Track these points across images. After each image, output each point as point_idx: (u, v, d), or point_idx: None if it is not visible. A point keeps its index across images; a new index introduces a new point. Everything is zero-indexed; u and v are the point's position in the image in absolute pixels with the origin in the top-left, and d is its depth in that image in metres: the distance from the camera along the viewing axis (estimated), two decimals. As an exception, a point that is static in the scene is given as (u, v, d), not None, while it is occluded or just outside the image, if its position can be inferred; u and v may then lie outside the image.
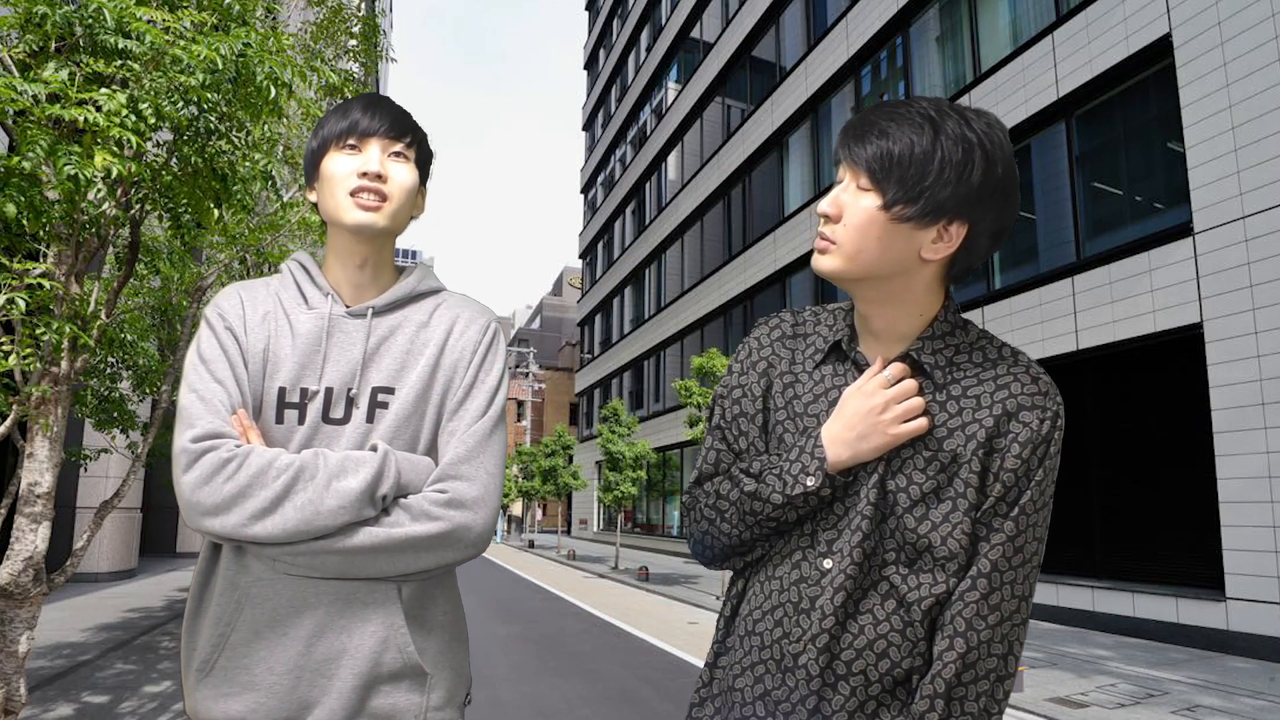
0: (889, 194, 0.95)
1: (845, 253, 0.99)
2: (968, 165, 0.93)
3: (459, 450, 1.16)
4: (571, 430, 37.10)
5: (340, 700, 1.10)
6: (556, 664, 7.05)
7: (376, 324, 1.21)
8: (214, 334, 1.17)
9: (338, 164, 1.20)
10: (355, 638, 1.11)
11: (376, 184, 1.19)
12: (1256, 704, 5.72)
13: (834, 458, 0.99)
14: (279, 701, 1.09)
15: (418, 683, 1.15)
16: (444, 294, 1.30)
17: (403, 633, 1.13)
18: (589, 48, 39.90)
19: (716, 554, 1.10)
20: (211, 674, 1.11)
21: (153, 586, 11.57)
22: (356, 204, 1.18)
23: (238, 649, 1.10)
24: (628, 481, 18.85)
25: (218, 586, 1.13)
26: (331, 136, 1.20)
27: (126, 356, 4.86)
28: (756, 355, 1.15)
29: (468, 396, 1.20)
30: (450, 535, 1.11)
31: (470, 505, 1.12)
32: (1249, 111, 7.95)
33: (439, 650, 1.18)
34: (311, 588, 1.10)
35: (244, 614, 1.10)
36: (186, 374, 1.15)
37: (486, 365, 1.23)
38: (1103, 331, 9.41)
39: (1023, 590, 0.96)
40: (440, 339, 1.22)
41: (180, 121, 2.83)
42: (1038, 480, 0.96)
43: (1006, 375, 1.00)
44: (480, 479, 1.15)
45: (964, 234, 0.97)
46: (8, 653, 2.96)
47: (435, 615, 1.19)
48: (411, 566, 1.11)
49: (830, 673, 0.97)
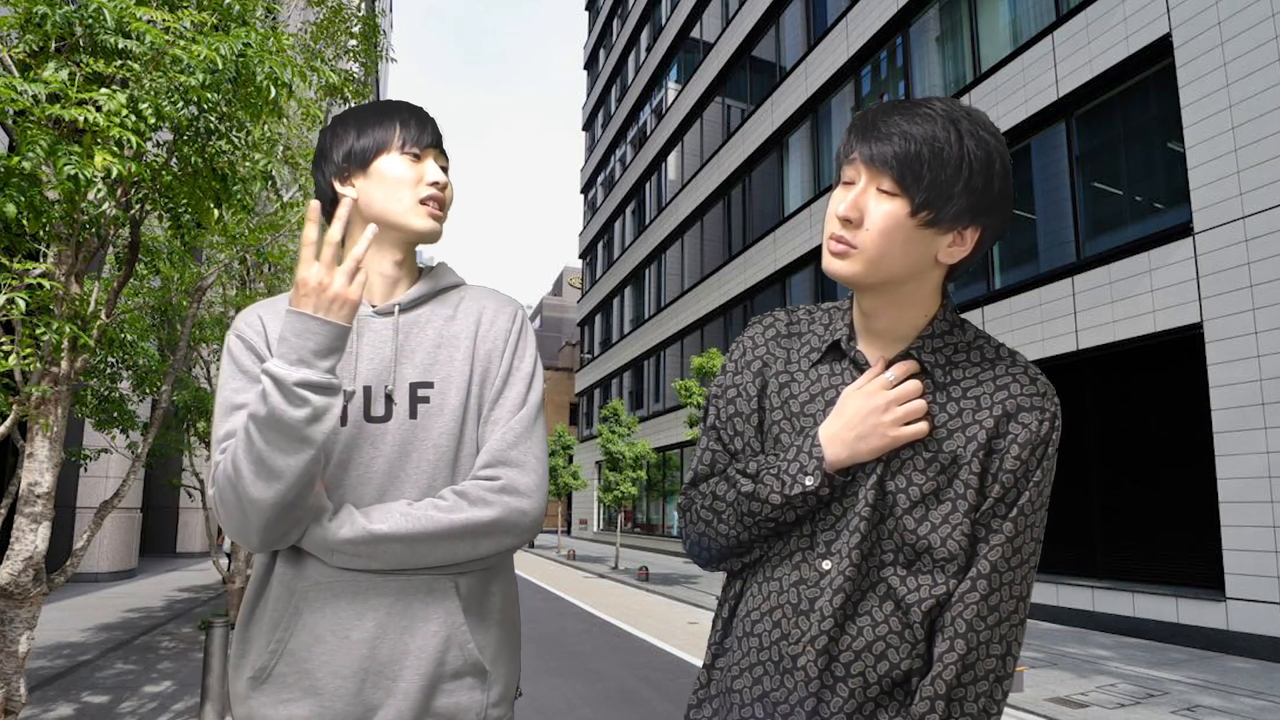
0: (917, 199, 0.93)
1: (868, 257, 0.97)
2: (991, 170, 0.93)
3: (506, 437, 1.17)
4: (571, 430, 37.08)
5: (406, 701, 1.10)
6: (557, 664, 7.05)
7: (403, 320, 1.22)
8: (234, 362, 1.16)
9: (402, 167, 1.21)
10: (418, 638, 1.11)
11: (442, 194, 1.24)
12: (1256, 704, 5.72)
13: (832, 457, 0.98)
14: (344, 705, 1.09)
15: (479, 680, 1.16)
16: (465, 287, 1.31)
17: (463, 630, 1.14)
18: (589, 48, 39.90)
19: (713, 555, 1.09)
20: (269, 680, 1.10)
21: (153, 586, 11.57)
22: (428, 212, 1.22)
23: (297, 654, 1.09)
24: (628, 481, 18.85)
25: (273, 592, 1.12)
26: (389, 139, 1.21)
27: (126, 356, 4.86)
28: (751, 354, 1.14)
29: (506, 385, 1.22)
30: (505, 521, 1.12)
31: (524, 492, 1.14)
32: (1249, 111, 7.95)
33: (497, 646, 1.19)
34: (370, 588, 1.10)
35: (302, 618, 1.10)
36: (217, 405, 1.15)
37: (520, 352, 1.25)
38: (1103, 331, 9.41)
39: (1020, 591, 0.96)
40: (470, 331, 1.24)
41: (180, 121, 2.83)
42: (1036, 481, 0.96)
43: (1005, 376, 1.00)
44: (530, 464, 1.16)
45: (977, 237, 0.97)
46: (8, 653, 2.96)
47: (492, 610, 1.20)
48: (470, 554, 1.12)
49: (829, 674, 0.97)
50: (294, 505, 1.05)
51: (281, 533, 1.07)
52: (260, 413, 1.03)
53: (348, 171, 1.23)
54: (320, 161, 1.26)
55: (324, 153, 1.25)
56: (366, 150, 1.22)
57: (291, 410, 1.01)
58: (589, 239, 37.17)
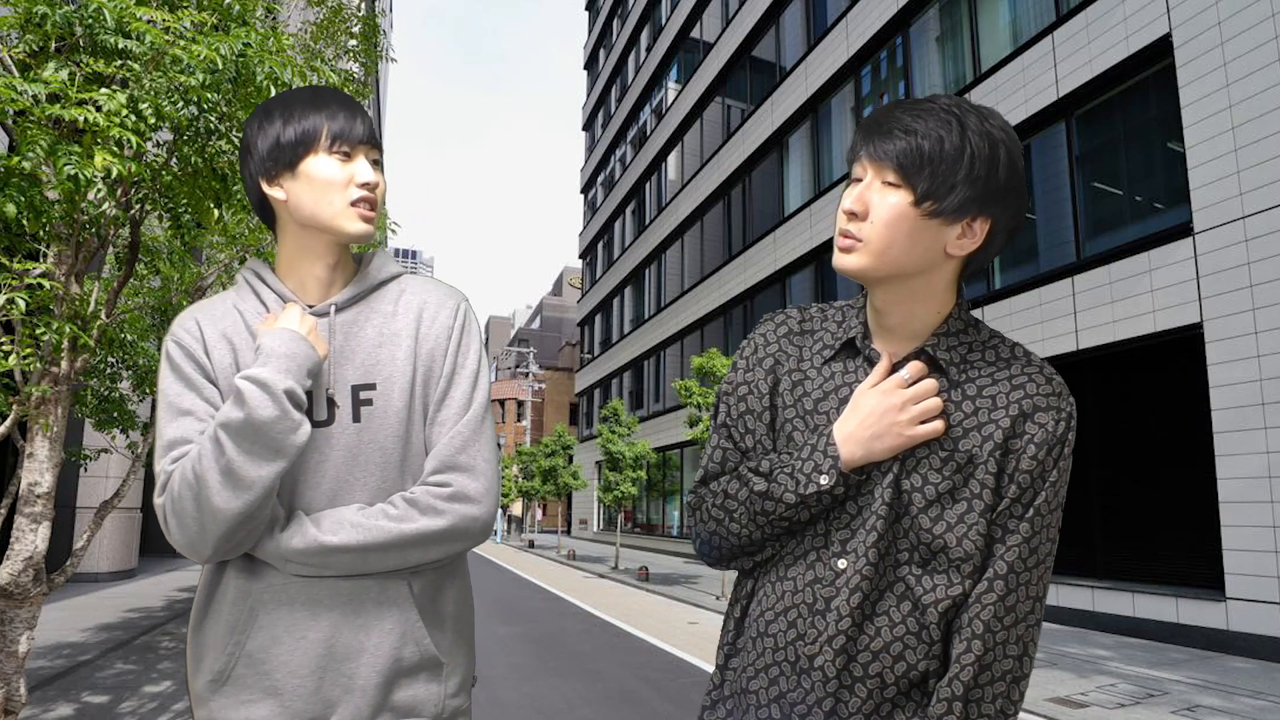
0: (920, 188, 0.94)
1: (873, 249, 0.98)
2: (995, 160, 0.94)
3: (454, 441, 1.15)
4: (571, 430, 37.10)
5: (364, 697, 1.11)
6: (557, 664, 7.05)
7: (340, 320, 1.19)
8: (173, 369, 1.14)
9: (331, 168, 1.15)
10: (373, 635, 1.12)
11: (373, 194, 1.18)
12: (1256, 704, 5.72)
13: (848, 456, 0.98)
14: (304, 703, 1.09)
15: (435, 673, 1.17)
16: (405, 279, 1.27)
17: (418, 626, 1.14)
18: (589, 48, 39.89)
19: (724, 554, 1.08)
20: (229, 683, 1.10)
21: (153, 586, 11.57)
22: (358, 214, 1.16)
23: (255, 655, 1.10)
24: (628, 481, 18.85)
25: (228, 595, 1.12)
26: (317, 137, 1.14)
27: (126, 356, 4.86)
28: (763, 352, 1.13)
29: (451, 385, 1.19)
30: (456, 529, 1.12)
31: (475, 498, 1.13)
32: (1249, 111, 7.95)
33: (452, 639, 1.20)
34: (325, 589, 1.10)
35: (258, 620, 1.10)
36: (159, 411, 1.14)
37: (463, 350, 1.21)
38: (1103, 331, 9.41)
39: (1037, 591, 0.96)
40: (411, 328, 1.20)
41: (180, 121, 2.83)
42: (1052, 481, 0.96)
43: (1021, 375, 1.00)
44: (480, 468, 1.15)
45: (987, 229, 0.97)
46: (8, 653, 2.96)
47: (446, 607, 1.20)
48: (421, 560, 1.12)
49: (847, 674, 0.96)
50: (253, 517, 1.05)
51: (235, 544, 1.06)
52: (235, 419, 1.02)
53: (274, 171, 1.16)
54: (245, 157, 1.18)
55: (248, 147, 1.17)
56: (294, 149, 1.15)
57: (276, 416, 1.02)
58: (589, 239, 37.17)
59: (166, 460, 1.09)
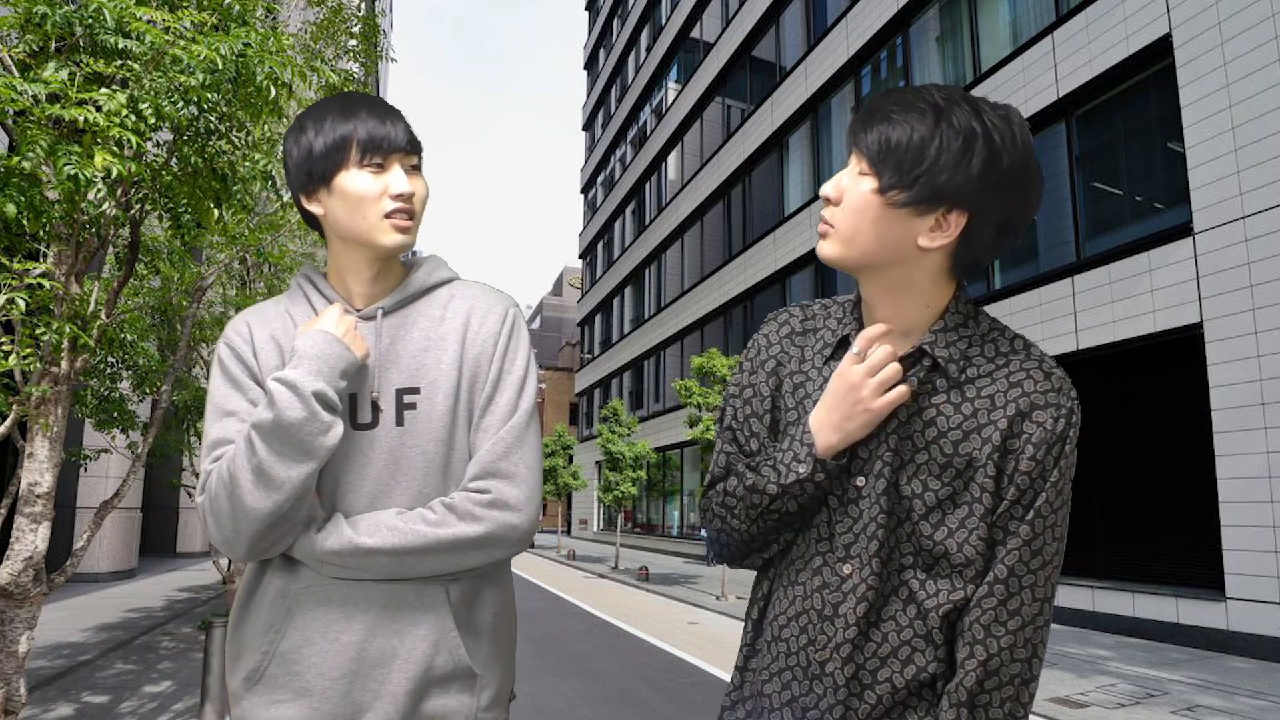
0: (885, 178, 0.94)
1: (841, 236, 0.99)
2: (966, 154, 0.91)
3: (497, 448, 1.13)
4: (571, 430, 37.06)
5: (394, 704, 1.09)
6: (557, 664, 7.05)
7: (387, 324, 1.19)
8: (223, 370, 1.16)
9: (363, 182, 1.13)
10: (407, 641, 1.10)
11: (409, 204, 1.16)
12: (1256, 704, 5.72)
13: (823, 443, 0.98)
14: (333, 706, 1.09)
15: (468, 684, 1.14)
16: (456, 284, 1.26)
17: (453, 635, 1.12)
18: (589, 48, 39.89)
19: (734, 551, 1.09)
20: (261, 682, 1.10)
21: (153, 586, 11.57)
22: (393, 226, 1.14)
23: (288, 656, 1.09)
24: (628, 481, 18.85)
25: (268, 595, 1.12)
26: (346, 148, 1.13)
27: (126, 356, 4.85)
28: (765, 354, 1.13)
29: (496, 391, 1.17)
30: (494, 536, 1.10)
31: (515, 505, 1.11)
32: (1249, 111, 7.95)
33: (488, 651, 1.18)
34: (360, 592, 1.10)
35: (294, 620, 1.10)
36: (207, 413, 1.15)
37: (510, 355, 1.19)
38: (1103, 331, 9.41)
39: (1043, 593, 0.94)
40: (459, 333, 1.19)
41: (180, 121, 2.82)
42: (1053, 481, 0.94)
43: (1019, 372, 0.98)
44: (521, 475, 1.13)
45: (964, 224, 0.94)
46: (8, 653, 2.95)
47: (484, 617, 1.18)
48: (458, 566, 1.11)
49: (856, 681, 0.96)
50: (286, 517, 1.05)
51: (271, 543, 1.07)
52: (265, 420, 1.03)
53: (310, 187, 1.16)
54: (285, 171, 1.19)
55: (286, 161, 1.18)
56: (325, 163, 1.14)
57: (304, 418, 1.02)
58: (589, 239, 37.17)
59: (208, 460, 1.09)
